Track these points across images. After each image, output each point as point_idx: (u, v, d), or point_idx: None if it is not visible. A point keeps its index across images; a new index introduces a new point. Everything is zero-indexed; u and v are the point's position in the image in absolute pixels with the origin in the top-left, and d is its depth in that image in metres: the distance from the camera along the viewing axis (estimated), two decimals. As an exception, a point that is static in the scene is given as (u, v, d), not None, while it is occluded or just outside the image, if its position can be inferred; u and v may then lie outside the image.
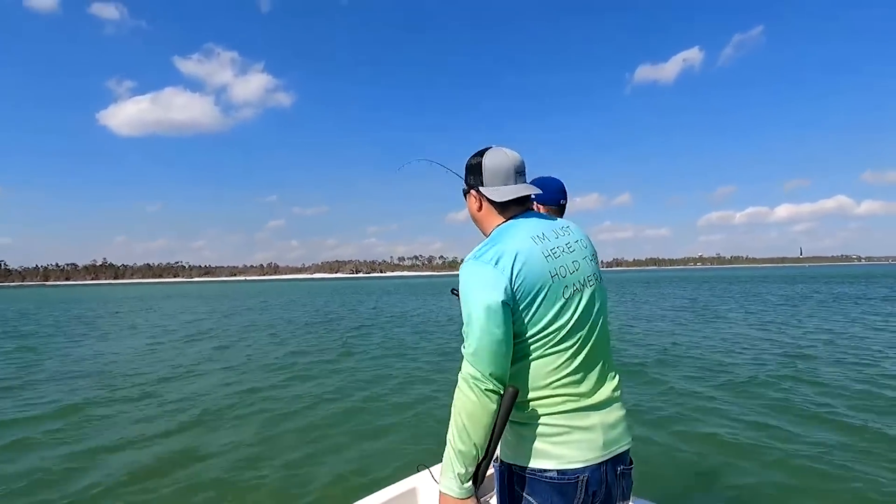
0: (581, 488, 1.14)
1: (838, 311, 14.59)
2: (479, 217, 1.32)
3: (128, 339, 12.41)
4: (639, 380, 6.45)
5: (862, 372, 6.50)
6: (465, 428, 1.09)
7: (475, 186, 1.29)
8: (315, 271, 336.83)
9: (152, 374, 7.74)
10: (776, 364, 7.17)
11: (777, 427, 4.46)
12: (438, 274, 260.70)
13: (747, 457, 3.87)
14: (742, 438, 4.22)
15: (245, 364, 8.47)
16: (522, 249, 1.16)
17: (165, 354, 9.81)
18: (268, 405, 5.83)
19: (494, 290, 1.11)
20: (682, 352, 8.44)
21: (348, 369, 7.79)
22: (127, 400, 6.16)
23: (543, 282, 1.15)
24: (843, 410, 4.88)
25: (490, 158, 1.27)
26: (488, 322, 1.09)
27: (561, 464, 1.14)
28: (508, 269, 1.13)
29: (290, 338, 12.07)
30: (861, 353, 7.86)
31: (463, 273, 1.17)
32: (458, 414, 1.11)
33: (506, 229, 1.23)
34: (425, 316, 17.17)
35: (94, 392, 6.57)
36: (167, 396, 6.26)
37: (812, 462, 3.72)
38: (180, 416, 5.44)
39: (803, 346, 8.61)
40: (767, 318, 13.45)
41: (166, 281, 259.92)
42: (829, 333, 10.09)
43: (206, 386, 6.83)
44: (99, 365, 8.70)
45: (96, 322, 17.97)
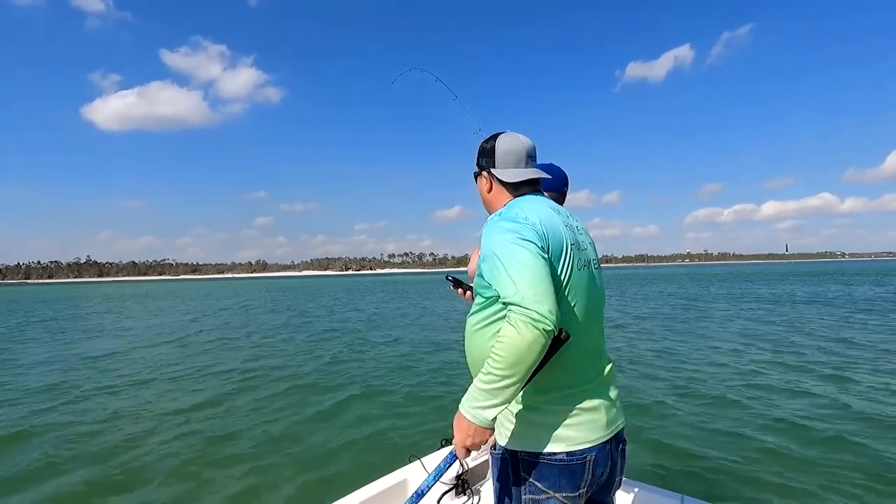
0: (588, 468, 1.17)
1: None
2: (489, 198, 1.36)
3: (79, 344, 11.24)
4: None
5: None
6: (512, 366, 1.05)
7: (487, 168, 1.34)
8: (304, 268, 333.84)
9: (86, 385, 6.65)
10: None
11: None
12: (429, 271, 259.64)
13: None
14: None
15: (196, 373, 7.40)
16: (543, 214, 1.20)
17: (113, 363, 8.69)
18: (210, 424, 4.85)
19: (532, 236, 1.12)
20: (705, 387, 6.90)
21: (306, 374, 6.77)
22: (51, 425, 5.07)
23: (565, 248, 1.18)
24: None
25: (503, 142, 1.32)
26: (537, 263, 1.08)
27: (570, 445, 1.15)
28: (539, 226, 1.15)
29: (250, 346, 10.97)
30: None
31: (493, 229, 1.17)
32: (505, 352, 1.05)
33: (523, 199, 1.27)
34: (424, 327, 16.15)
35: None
36: (92, 414, 5.19)
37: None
38: (102, 438, 4.45)
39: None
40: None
41: (151, 279, 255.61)
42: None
43: (140, 402, 5.76)
44: (32, 376, 7.58)
45: (51, 324, 16.69)
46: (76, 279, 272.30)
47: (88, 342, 11.63)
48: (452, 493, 2.26)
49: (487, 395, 1.08)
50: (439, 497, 2.22)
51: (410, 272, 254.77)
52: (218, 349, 10.03)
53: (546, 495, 1.18)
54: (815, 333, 9.64)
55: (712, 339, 9.26)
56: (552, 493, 1.18)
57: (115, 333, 13.43)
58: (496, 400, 1.08)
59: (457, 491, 2.27)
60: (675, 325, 11.58)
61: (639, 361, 7.55)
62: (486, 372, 1.09)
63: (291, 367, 7.85)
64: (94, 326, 15.56)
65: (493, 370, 1.07)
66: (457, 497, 2.26)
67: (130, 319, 18.08)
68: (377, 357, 8.58)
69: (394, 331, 12.29)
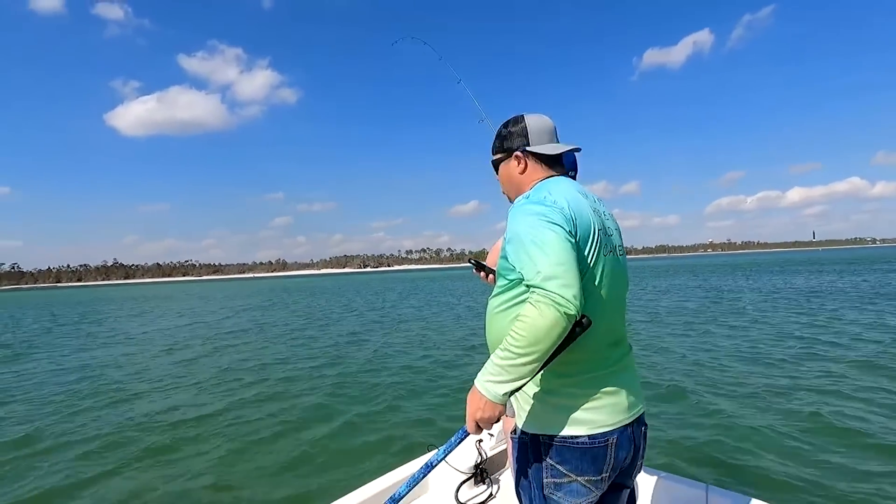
0: (611, 451, 1.16)
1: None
2: (521, 179, 1.33)
3: (104, 349, 11.41)
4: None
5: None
6: (530, 345, 1.04)
7: (520, 147, 1.32)
8: (322, 267, 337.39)
9: (116, 388, 6.69)
10: None
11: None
12: (447, 266, 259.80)
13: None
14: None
15: (213, 379, 7.39)
16: (571, 194, 1.20)
17: (132, 366, 8.76)
18: (234, 429, 4.83)
19: (560, 220, 1.11)
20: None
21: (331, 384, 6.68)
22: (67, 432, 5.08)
23: (592, 232, 1.17)
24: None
25: (533, 120, 1.33)
26: (563, 246, 1.07)
27: (592, 428, 1.15)
28: (566, 207, 1.15)
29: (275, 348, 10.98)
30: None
31: (520, 212, 1.16)
32: (525, 332, 1.04)
33: (551, 180, 1.27)
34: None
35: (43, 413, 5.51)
36: (110, 419, 5.18)
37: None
38: (119, 452, 4.40)
39: None
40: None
41: (175, 280, 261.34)
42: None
43: (162, 406, 5.74)
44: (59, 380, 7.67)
45: (78, 328, 17.05)
46: (104, 282, 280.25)
47: (106, 348, 11.79)
48: (471, 482, 2.25)
49: (501, 371, 1.08)
50: (458, 485, 2.21)
51: (428, 268, 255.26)
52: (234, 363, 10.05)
53: (568, 479, 1.17)
54: (854, 331, 9.17)
55: (742, 336, 8.89)
56: (574, 477, 1.17)
57: (127, 339, 13.61)
58: (509, 377, 1.08)
59: (475, 479, 2.26)
60: (697, 322, 11.19)
61: (664, 352, 7.31)
62: (503, 348, 1.08)
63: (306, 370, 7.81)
64: (110, 331, 15.83)
65: (510, 347, 1.07)
66: (475, 486, 2.25)
67: (144, 325, 18.31)
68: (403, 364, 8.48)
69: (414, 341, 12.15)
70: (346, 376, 7.18)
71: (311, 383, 6.85)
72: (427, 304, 19.70)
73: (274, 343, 10.99)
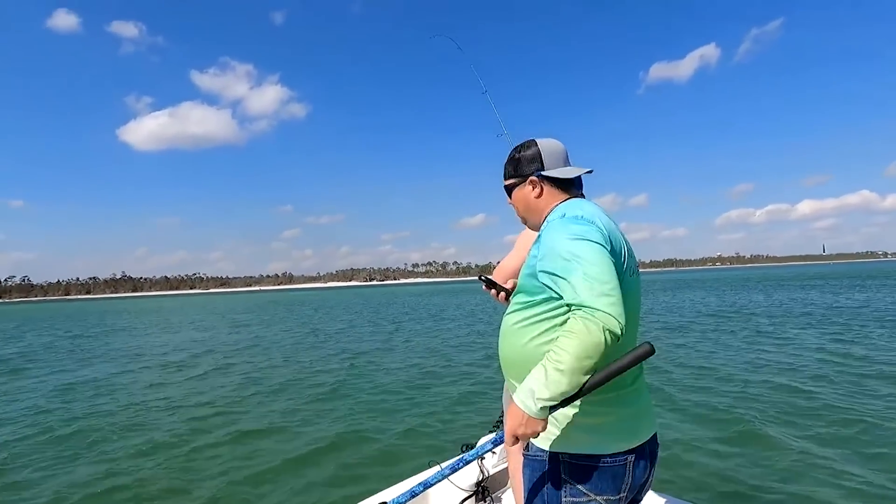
0: (629, 471, 1.16)
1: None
2: (537, 204, 1.33)
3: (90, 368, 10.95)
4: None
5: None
6: (574, 363, 1.03)
7: (534, 172, 1.31)
8: (329, 280, 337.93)
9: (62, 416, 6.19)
10: None
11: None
12: (452, 280, 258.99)
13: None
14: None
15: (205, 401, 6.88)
16: (603, 218, 1.20)
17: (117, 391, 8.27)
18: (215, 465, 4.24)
19: (602, 241, 1.11)
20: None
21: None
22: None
23: (623, 253, 1.18)
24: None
25: (546, 144, 1.32)
26: (607, 263, 1.07)
27: (611, 448, 1.15)
28: (604, 230, 1.15)
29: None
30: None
31: (559, 228, 1.15)
32: (571, 350, 1.02)
33: (574, 202, 1.27)
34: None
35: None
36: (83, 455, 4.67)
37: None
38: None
39: None
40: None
41: (183, 293, 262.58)
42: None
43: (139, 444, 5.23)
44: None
45: (77, 346, 16.64)
46: (112, 294, 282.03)
47: (84, 369, 11.34)
48: (473, 500, 2.23)
49: (543, 389, 1.06)
50: (459, 503, 2.19)
51: (434, 281, 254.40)
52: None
53: (587, 498, 1.16)
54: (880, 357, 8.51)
55: (758, 359, 8.27)
56: (593, 496, 1.16)
57: (112, 357, 13.17)
58: (550, 394, 1.06)
59: (477, 498, 2.24)
60: (708, 343, 10.56)
61: (678, 372, 6.69)
62: (546, 365, 1.07)
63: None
64: (96, 350, 15.40)
65: (554, 364, 1.05)
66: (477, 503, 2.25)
67: (131, 341, 17.90)
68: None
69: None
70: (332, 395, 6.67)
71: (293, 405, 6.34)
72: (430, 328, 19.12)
73: (258, 361, 10.50)
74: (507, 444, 1.16)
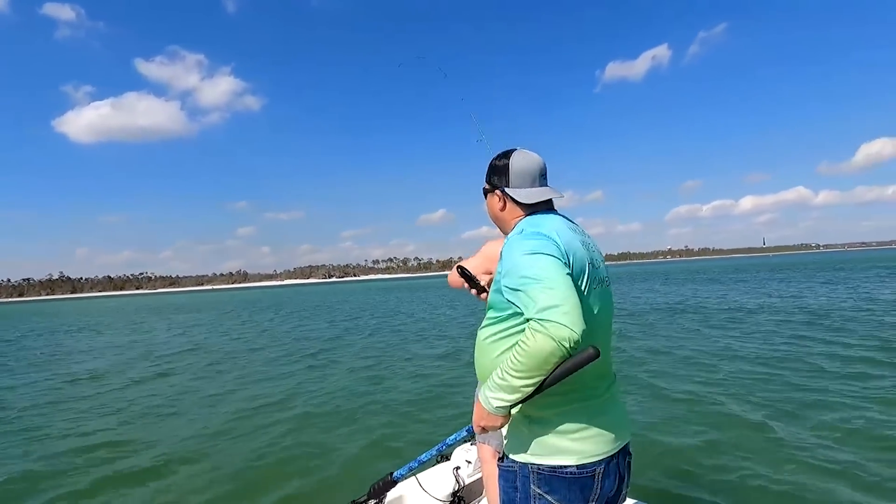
0: (598, 482, 1.19)
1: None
2: (501, 216, 1.37)
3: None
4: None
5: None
6: (527, 371, 1.08)
7: (500, 187, 1.34)
8: (286, 278, 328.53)
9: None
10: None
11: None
12: (414, 276, 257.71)
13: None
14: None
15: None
16: (563, 231, 1.22)
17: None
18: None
19: (558, 255, 1.13)
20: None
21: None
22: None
23: (584, 265, 1.20)
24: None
25: (517, 161, 1.33)
26: (563, 275, 1.09)
27: (580, 458, 1.17)
28: (562, 244, 1.17)
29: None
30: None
31: (517, 246, 1.17)
32: (524, 357, 1.07)
33: (538, 216, 1.29)
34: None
35: None
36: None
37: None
38: None
39: None
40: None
41: (128, 293, 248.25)
42: None
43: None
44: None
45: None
46: (48, 297, 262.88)
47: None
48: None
49: (498, 389, 1.13)
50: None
51: (395, 277, 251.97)
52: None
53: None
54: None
55: (712, 350, 7.85)
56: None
57: (10, 368, 11.52)
58: (505, 395, 1.13)
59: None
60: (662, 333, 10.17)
61: (645, 371, 6.10)
62: (502, 368, 1.12)
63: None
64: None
65: (508, 370, 1.11)
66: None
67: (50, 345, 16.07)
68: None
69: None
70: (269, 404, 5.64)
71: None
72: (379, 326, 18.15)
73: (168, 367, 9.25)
74: (476, 431, 1.24)
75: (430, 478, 2.32)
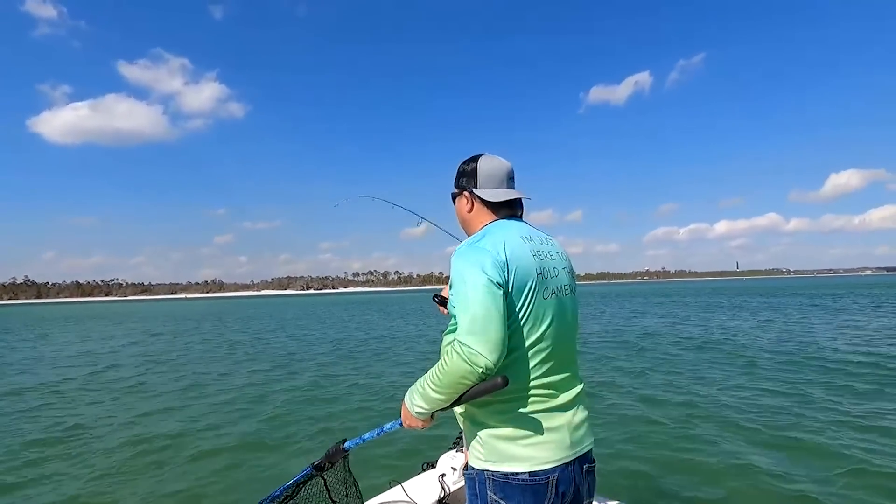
0: (552, 488, 1.20)
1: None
2: (468, 218, 1.40)
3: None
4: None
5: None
6: (443, 387, 1.17)
7: (468, 188, 1.38)
8: (263, 288, 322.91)
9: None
10: None
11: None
12: (393, 290, 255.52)
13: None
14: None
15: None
16: (512, 242, 1.24)
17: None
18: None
19: (492, 271, 1.15)
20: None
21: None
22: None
23: (531, 276, 1.21)
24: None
25: (485, 163, 1.38)
26: (487, 299, 1.12)
27: (532, 465, 1.19)
28: (503, 255, 1.19)
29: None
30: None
31: (457, 257, 1.21)
32: (441, 375, 1.16)
33: (496, 225, 1.31)
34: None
35: None
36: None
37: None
38: None
39: None
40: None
41: (95, 300, 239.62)
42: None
43: None
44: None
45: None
46: (10, 301, 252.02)
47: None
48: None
49: (419, 397, 1.24)
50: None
51: (373, 290, 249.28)
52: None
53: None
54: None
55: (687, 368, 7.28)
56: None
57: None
58: (423, 403, 1.23)
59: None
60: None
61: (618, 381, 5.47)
62: (425, 379, 1.22)
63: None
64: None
65: (428, 382, 1.21)
66: None
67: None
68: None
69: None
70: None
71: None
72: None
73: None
74: (405, 425, 1.33)
75: (415, 485, 2.30)
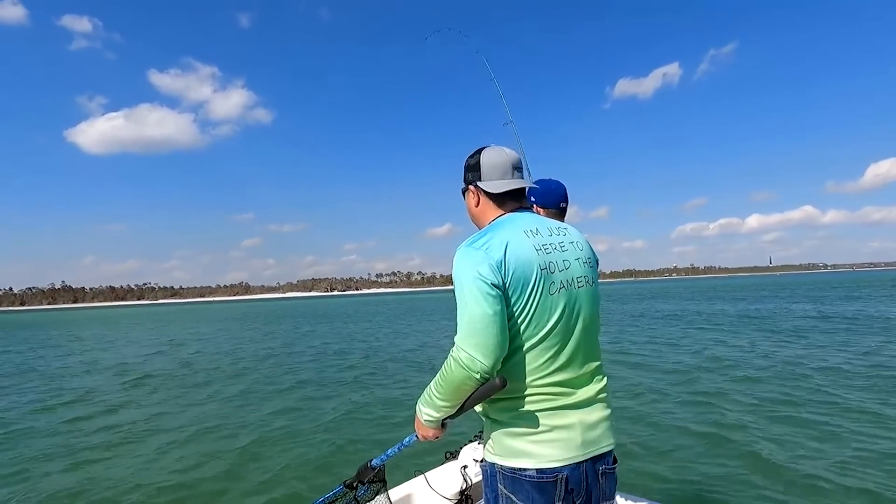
0: (560, 486, 1.18)
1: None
2: (476, 213, 1.39)
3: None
4: None
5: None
6: (445, 393, 1.20)
7: (473, 182, 1.37)
8: (288, 290, 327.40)
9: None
10: None
11: None
12: (416, 290, 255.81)
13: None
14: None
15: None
16: (513, 239, 1.21)
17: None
18: None
19: (486, 272, 1.15)
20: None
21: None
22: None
23: (532, 273, 1.19)
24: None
25: (488, 155, 1.36)
26: (481, 303, 1.12)
27: (540, 462, 1.17)
28: (500, 255, 1.17)
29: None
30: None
31: (456, 259, 1.22)
32: (442, 381, 1.20)
33: (500, 222, 1.29)
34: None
35: None
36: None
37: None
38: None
39: None
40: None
41: (128, 304, 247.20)
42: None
43: None
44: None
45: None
46: (49, 306, 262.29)
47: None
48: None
49: (426, 404, 1.27)
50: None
51: (397, 291, 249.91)
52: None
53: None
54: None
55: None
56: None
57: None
58: (431, 411, 1.26)
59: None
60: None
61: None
62: (430, 386, 1.25)
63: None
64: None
65: (433, 390, 1.24)
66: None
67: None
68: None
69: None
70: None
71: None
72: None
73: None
74: (419, 437, 1.36)
75: (437, 476, 2.30)
